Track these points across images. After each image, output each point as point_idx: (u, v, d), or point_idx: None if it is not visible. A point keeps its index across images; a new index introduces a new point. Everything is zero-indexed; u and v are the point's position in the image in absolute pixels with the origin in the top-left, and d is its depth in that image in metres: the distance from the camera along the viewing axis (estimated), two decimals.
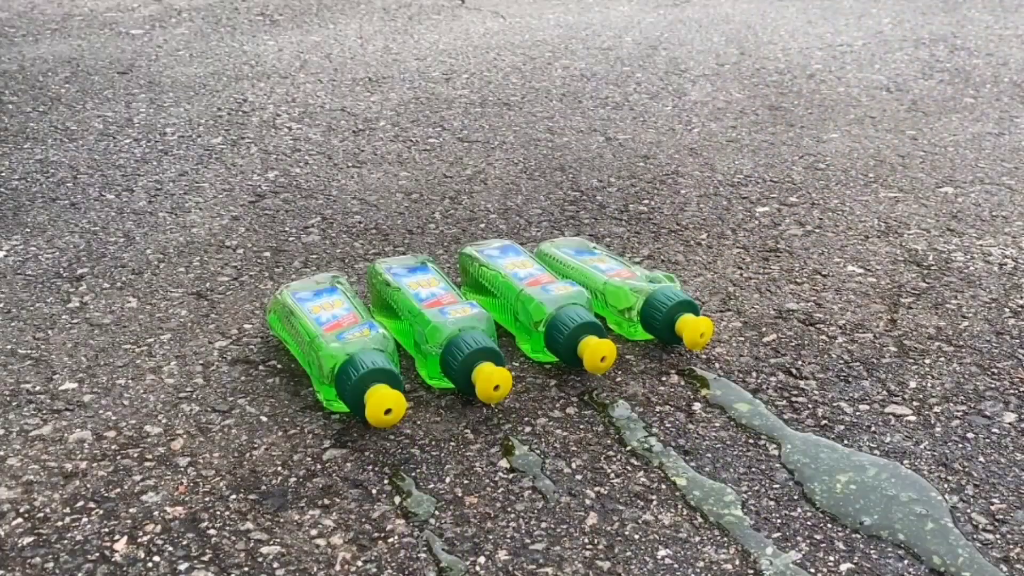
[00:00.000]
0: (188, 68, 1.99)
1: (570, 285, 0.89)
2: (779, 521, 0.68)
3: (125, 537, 0.68)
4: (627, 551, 0.66)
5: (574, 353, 0.84)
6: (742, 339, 0.92)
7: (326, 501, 0.71)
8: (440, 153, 1.46)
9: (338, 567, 0.65)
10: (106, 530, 0.68)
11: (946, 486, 0.71)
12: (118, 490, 0.72)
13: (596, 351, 0.83)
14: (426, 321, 0.84)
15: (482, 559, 0.65)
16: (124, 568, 0.65)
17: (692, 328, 0.86)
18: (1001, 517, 0.68)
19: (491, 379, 0.79)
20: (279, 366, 0.89)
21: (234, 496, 0.72)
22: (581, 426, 0.79)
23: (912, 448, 0.76)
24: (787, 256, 1.09)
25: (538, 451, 0.76)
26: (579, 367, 0.86)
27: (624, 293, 0.91)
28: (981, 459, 0.74)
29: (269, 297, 1.01)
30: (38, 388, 0.86)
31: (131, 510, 0.70)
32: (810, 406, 0.81)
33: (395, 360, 0.81)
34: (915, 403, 0.81)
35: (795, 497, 0.70)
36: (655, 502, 0.70)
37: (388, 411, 0.75)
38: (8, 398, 0.84)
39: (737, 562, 0.65)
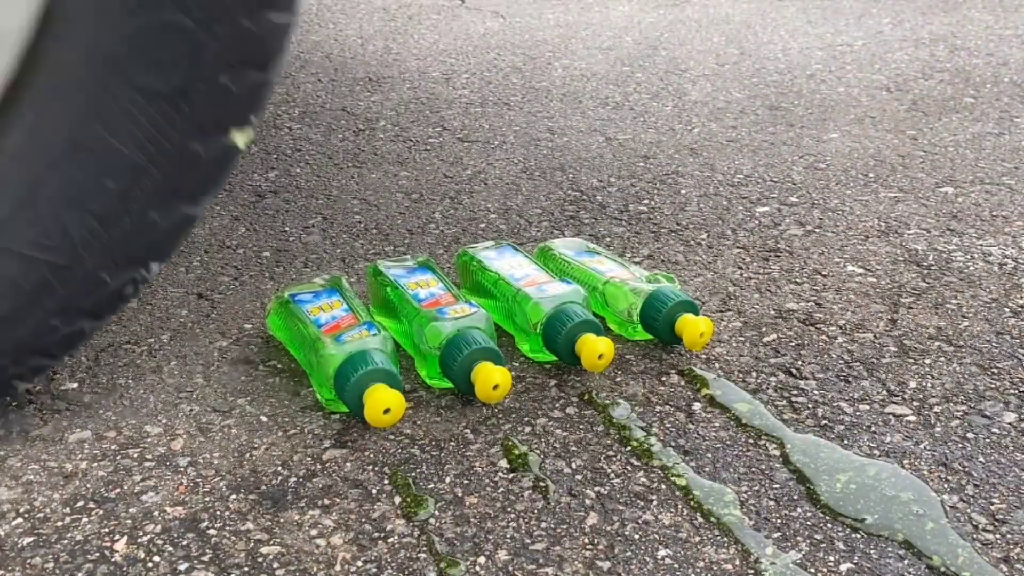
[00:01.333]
0: None
1: (566, 284, 0.89)
2: (779, 521, 0.68)
3: (125, 537, 0.68)
4: (627, 551, 0.66)
5: (572, 351, 0.84)
6: (742, 339, 0.92)
7: (326, 501, 0.71)
8: (440, 153, 1.46)
9: (338, 567, 0.65)
10: (106, 530, 0.68)
11: (946, 486, 0.71)
12: (118, 490, 0.72)
13: (594, 348, 0.83)
14: (425, 321, 0.84)
15: (482, 559, 0.65)
16: (124, 568, 0.65)
17: (692, 328, 0.86)
18: (1001, 517, 0.68)
19: (491, 379, 0.79)
20: (279, 366, 0.89)
21: (234, 496, 0.72)
22: (581, 426, 0.79)
23: (912, 448, 0.76)
24: (787, 256, 1.09)
25: (538, 451, 0.76)
26: (577, 365, 0.86)
27: (624, 293, 0.91)
28: (981, 459, 0.74)
29: (269, 298, 1.01)
30: (38, 388, 0.86)
31: (131, 510, 0.70)
32: (810, 406, 0.81)
33: (395, 360, 0.81)
34: (915, 403, 0.81)
35: (795, 497, 0.70)
36: (655, 502, 0.70)
37: (387, 411, 0.76)
38: (8, 398, 0.84)
39: (737, 562, 0.65)
